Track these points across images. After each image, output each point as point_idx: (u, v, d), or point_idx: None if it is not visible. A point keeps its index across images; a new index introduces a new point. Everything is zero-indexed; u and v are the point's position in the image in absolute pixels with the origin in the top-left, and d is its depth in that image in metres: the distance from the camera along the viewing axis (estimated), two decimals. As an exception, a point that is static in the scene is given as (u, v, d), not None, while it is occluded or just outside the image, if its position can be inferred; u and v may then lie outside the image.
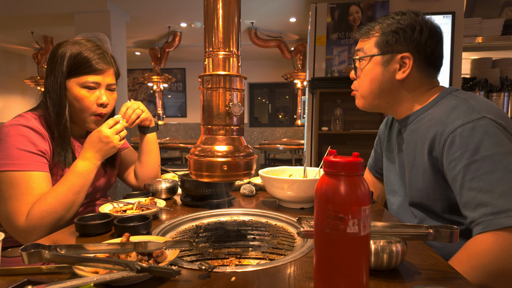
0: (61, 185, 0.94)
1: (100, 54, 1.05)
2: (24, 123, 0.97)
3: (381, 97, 0.97)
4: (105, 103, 1.07)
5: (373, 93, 0.97)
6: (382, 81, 0.94)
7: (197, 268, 0.59)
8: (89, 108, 1.05)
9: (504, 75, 2.72)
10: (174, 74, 7.33)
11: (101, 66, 1.04)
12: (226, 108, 0.69)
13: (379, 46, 0.93)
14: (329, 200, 0.46)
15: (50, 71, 1.03)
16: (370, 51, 0.95)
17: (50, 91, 1.02)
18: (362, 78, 0.98)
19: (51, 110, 1.02)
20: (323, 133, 2.93)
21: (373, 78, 0.95)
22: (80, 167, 0.97)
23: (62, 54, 1.02)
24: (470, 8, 3.06)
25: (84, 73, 1.02)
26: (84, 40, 1.07)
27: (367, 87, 0.97)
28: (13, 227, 0.91)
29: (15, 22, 4.49)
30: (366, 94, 0.98)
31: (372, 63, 0.95)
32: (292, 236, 0.83)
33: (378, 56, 0.93)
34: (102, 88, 1.07)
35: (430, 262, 0.64)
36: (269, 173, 1.14)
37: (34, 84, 5.49)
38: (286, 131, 7.42)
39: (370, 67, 0.95)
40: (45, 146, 0.99)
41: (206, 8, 0.69)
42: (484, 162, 0.74)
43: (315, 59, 2.97)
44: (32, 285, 0.49)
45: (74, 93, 1.03)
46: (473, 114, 0.79)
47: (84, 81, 1.02)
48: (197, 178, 0.70)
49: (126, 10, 4.12)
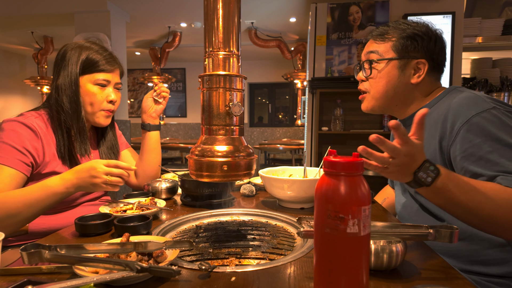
0: (19, 190, 0.92)
1: (108, 55, 1.13)
2: (20, 120, 0.99)
3: (393, 99, 0.99)
4: (114, 100, 1.13)
5: (387, 95, 0.98)
6: (398, 84, 0.96)
7: (197, 268, 0.59)
8: (100, 103, 1.11)
9: (504, 75, 2.72)
10: (174, 74, 7.33)
11: (110, 65, 1.11)
12: (226, 108, 0.69)
13: (397, 50, 0.95)
14: (329, 200, 0.46)
15: (61, 71, 1.07)
16: (387, 54, 0.96)
17: (65, 88, 1.06)
18: (377, 80, 0.98)
19: (67, 107, 1.06)
20: (323, 133, 2.93)
21: (389, 81, 0.96)
22: (50, 182, 0.93)
23: (74, 55, 1.07)
24: (470, 8, 3.06)
25: (96, 71, 1.09)
26: (90, 43, 1.12)
27: (381, 89, 0.98)
28: None
29: (15, 22, 4.49)
30: (379, 95, 0.99)
31: (389, 66, 0.96)
32: (292, 236, 0.83)
33: (395, 60, 0.95)
34: (111, 86, 1.13)
35: (430, 262, 0.64)
36: (269, 173, 1.14)
37: (34, 84, 5.49)
38: (286, 131, 7.42)
39: (387, 70, 0.96)
40: (36, 144, 0.99)
41: (206, 8, 0.69)
42: (506, 149, 0.75)
43: (315, 59, 2.97)
44: (32, 285, 0.49)
45: (87, 89, 1.09)
46: (485, 104, 0.81)
47: (96, 79, 1.09)
48: (197, 178, 0.70)
49: (126, 10, 4.12)
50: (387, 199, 1.27)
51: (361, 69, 1.03)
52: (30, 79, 5.42)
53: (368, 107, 1.03)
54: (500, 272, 0.81)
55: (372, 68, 0.99)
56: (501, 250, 0.82)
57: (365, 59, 1.00)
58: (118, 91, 1.17)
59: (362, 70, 1.02)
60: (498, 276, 0.82)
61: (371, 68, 0.99)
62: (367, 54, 1.00)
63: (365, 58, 1.01)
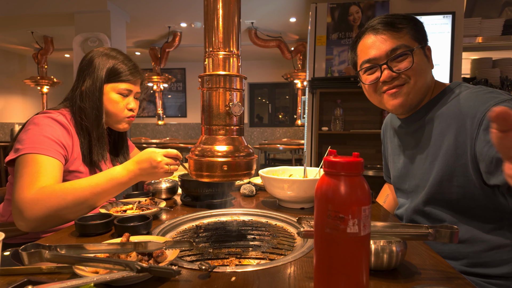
0: (86, 179, 0.95)
1: (133, 66, 1.17)
2: (53, 117, 1.03)
3: (426, 91, 0.94)
4: (134, 108, 1.18)
5: (427, 82, 0.93)
6: (429, 73, 0.94)
7: (197, 268, 0.59)
8: (121, 111, 1.15)
9: (504, 75, 2.72)
10: (174, 74, 7.33)
11: (133, 76, 1.16)
12: (226, 108, 0.69)
13: (417, 39, 0.91)
14: (329, 200, 0.46)
15: (87, 77, 1.11)
16: (412, 44, 0.91)
17: (90, 95, 1.09)
18: (417, 71, 0.90)
19: (89, 113, 1.09)
20: (323, 133, 2.93)
21: (427, 69, 0.93)
22: (115, 173, 0.98)
23: (101, 62, 1.11)
24: (470, 8, 3.06)
25: (120, 81, 1.13)
26: (116, 52, 1.16)
27: (422, 76, 0.91)
28: (20, 198, 0.89)
29: (15, 22, 4.50)
30: (421, 81, 0.91)
31: (419, 54, 0.91)
32: (292, 236, 0.83)
33: (420, 48, 0.91)
34: (132, 96, 1.18)
35: (430, 262, 0.64)
36: (269, 173, 1.14)
37: (34, 84, 5.49)
38: (286, 131, 7.42)
39: (420, 58, 0.91)
40: (67, 141, 1.03)
41: (206, 8, 0.69)
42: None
43: (315, 59, 2.97)
44: (32, 285, 0.49)
45: (110, 97, 1.12)
46: (502, 95, 0.80)
47: (119, 88, 1.13)
48: (197, 178, 0.70)
49: (126, 10, 4.12)
50: (389, 195, 1.27)
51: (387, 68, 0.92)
52: (30, 79, 5.42)
53: (407, 101, 0.93)
54: (500, 273, 0.81)
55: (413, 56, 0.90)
56: (501, 251, 0.82)
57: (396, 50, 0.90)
58: (137, 100, 1.21)
59: (390, 68, 0.91)
60: (498, 277, 0.82)
61: (413, 57, 0.90)
62: (393, 50, 0.90)
63: (394, 49, 0.90)
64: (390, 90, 0.94)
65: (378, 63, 0.93)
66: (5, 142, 4.86)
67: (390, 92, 0.94)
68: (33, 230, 0.91)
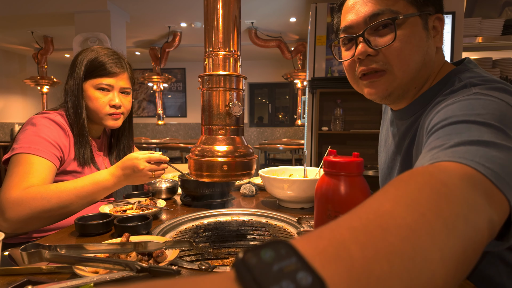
0: (71, 182, 0.95)
1: (115, 59, 1.11)
2: (51, 117, 1.03)
3: (420, 73, 0.69)
4: (117, 104, 1.11)
5: (416, 68, 0.68)
6: (427, 50, 0.68)
7: (197, 268, 0.59)
8: (102, 108, 1.09)
9: (504, 75, 2.72)
10: (174, 74, 7.33)
11: (114, 70, 1.09)
12: (226, 108, 0.69)
13: (417, 3, 0.67)
14: (329, 200, 0.46)
15: (70, 75, 1.10)
16: (405, 9, 0.67)
17: (70, 93, 1.08)
18: (402, 46, 0.66)
19: (70, 111, 1.08)
20: (323, 133, 2.93)
21: (418, 46, 0.67)
22: (100, 177, 0.97)
23: (81, 60, 1.09)
24: (470, 8, 3.06)
25: (98, 76, 1.08)
26: (101, 48, 1.13)
27: (410, 58, 0.67)
28: (5, 197, 0.88)
29: (15, 22, 4.50)
30: (408, 68, 0.68)
31: (412, 26, 0.67)
32: (292, 236, 0.83)
33: (417, 16, 0.67)
34: (116, 91, 1.11)
35: (430, 262, 0.64)
36: (269, 173, 1.14)
37: (34, 84, 5.49)
38: (286, 131, 7.42)
39: (413, 31, 0.67)
40: (64, 142, 1.03)
41: (206, 8, 0.69)
42: None
43: (315, 59, 2.97)
44: (32, 285, 0.49)
45: (89, 94, 1.09)
46: None
47: (98, 83, 1.08)
48: (197, 178, 0.70)
49: (126, 10, 4.12)
50: None
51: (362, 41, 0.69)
52: (30, 79, 5.43)
53: (389, 89, 0.70)
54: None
55: (396, 28, 0.66)
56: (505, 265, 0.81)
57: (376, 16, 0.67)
58: (126, 96, 1.15)
59: (366, 42, 0.69)
60: None
61: (395, 30, 0.66)
62: (374, 16, 0.67)
63: (374, 14, 0.67)
64: (365, 77, 0.72)
65: (355, 33, 0.70)
66: (5, 142, 4.87)
67: (365, 80, 0.72)
68: (14, 231, 0.90)
